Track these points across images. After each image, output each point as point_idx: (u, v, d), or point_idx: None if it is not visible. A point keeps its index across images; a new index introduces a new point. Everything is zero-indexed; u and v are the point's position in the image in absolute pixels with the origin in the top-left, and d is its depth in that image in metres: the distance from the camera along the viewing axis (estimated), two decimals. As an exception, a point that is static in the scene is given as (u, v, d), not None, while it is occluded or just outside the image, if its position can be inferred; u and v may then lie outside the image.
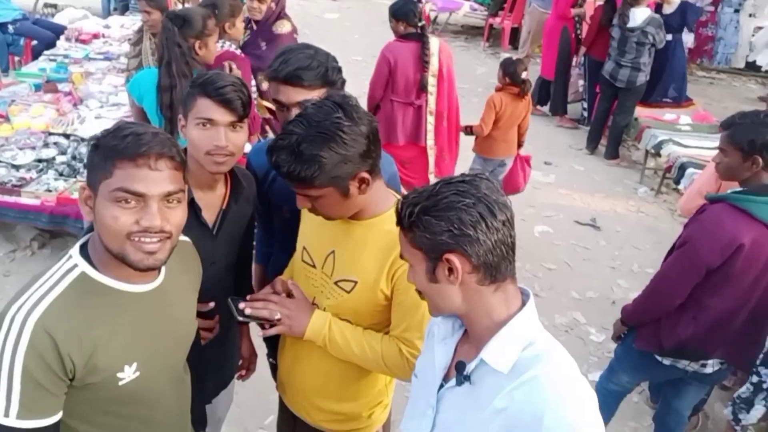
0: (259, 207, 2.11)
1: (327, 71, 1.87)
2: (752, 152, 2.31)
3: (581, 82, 7.21)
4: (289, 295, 1.80)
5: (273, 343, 2.34)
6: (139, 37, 3.91)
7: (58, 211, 3.88)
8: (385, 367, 1.71)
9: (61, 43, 6.60)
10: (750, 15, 8.85)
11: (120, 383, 1.38)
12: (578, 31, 7.04)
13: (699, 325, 2.44)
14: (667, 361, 2.58)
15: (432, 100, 4.30)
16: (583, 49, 6.86)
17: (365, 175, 1.58)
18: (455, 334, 1.37)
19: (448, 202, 1.20)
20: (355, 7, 11.47)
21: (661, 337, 2.52)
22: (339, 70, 1.93)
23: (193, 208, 1.76)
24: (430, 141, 4.40)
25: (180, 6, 4.18)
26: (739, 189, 2.42)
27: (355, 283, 1.70)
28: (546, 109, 7.54)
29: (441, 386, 1.34)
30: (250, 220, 2.03)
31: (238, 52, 3.57)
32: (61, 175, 4.20)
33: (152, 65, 3.62)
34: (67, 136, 4.61)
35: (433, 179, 4.39)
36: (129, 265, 1.32)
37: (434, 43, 4.27)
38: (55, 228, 4.02)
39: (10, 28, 6.72)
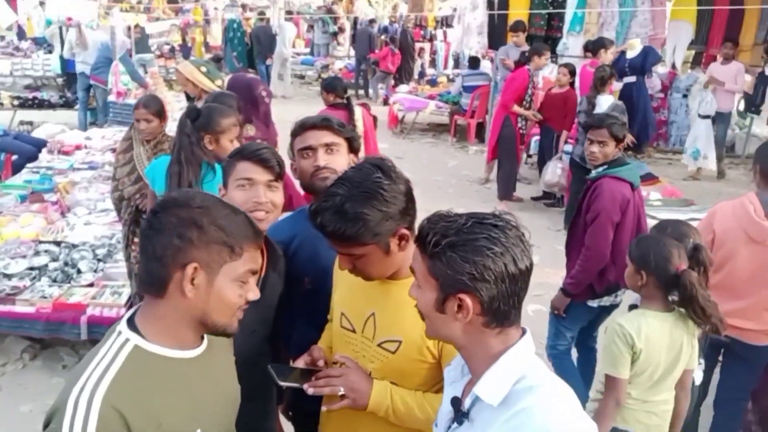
0: None
1: (346, 125, 2.09)
2: (622, 140, 3.50)
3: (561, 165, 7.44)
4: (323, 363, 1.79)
5: (300, 423, 2.30)
6: (128, 144, 3.91)
7: (54, 318, 3.79)
8: None
9: (44, 155, 6.71)
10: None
11: None
12: (521, 128, 7.25)
13: (618, 266, 3.20)
14: (594, 303, 3.46)
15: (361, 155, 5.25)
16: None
17: (405, 231, 1.64)
18: (464, 378, 1.37)
19: (478, 246, 1.20)
20: (325, 111, 11.90)
21: (594, 286, 3.38)
22: (354, 129, 2.12)
23: None
24: None
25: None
26: (605, 166, 3.45)
27: (400, 342, 1.70)
28: (518, 194, 7.80)
29: (449, 428, 1.34)
30: (281, 294, 2.05)
31: None
32: (54, 281, 4.14)
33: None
34: (57, 243, 4.60)
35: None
36: (223, 333, 1.41)
37: (358, 111, 5.33)
38: (50, 336, 3.91)
39: (-9, 143, 6.81)
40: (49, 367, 4.06)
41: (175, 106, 7.84)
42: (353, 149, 2.11)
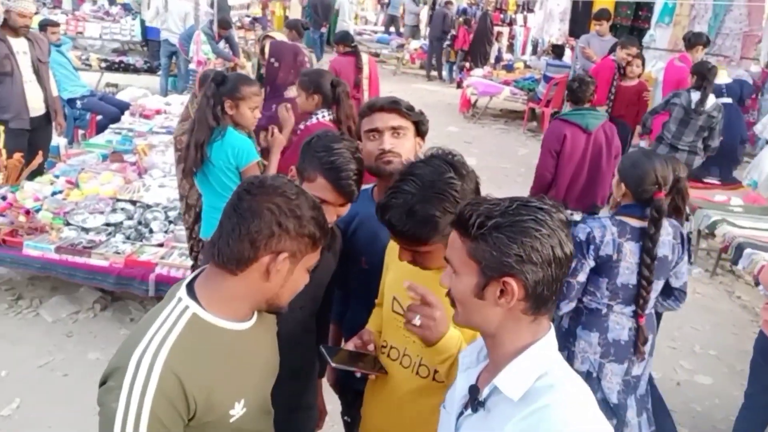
0: None
1: (414, 108, 2.07)
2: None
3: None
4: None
5: (348, 401, 2.33)
6: (186, 113, 3.97)
7: (125, 273, 3.98)
8: None
9: (126, 117, 6.99)
10: (790, 102, 8.95)
11: (231, 420, 1.40)
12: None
13: (558, 188, 4.44)
14: None
15: (366, 94, 6.41)
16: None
17: None
18: (479, 364, 1.36)
19: (526, 227, 1.17)
20: (397, 90, 11.87)
21: None
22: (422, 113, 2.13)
23: None
24: None
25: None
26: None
27: None
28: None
29: (461, 414, 1.32)
30: (333, 273, 2.08)
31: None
32: (128, 238, 4.33)
33: None
34: (133, 202, 4.80)
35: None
36: (276, 311, 1.49)
37: (364, 56, 6.72)
38: (120, 289, 4.11)
39: (78, 103, 7.13)
40: (118, 318, 4.28)
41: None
42: (420, 133, 2.09)
